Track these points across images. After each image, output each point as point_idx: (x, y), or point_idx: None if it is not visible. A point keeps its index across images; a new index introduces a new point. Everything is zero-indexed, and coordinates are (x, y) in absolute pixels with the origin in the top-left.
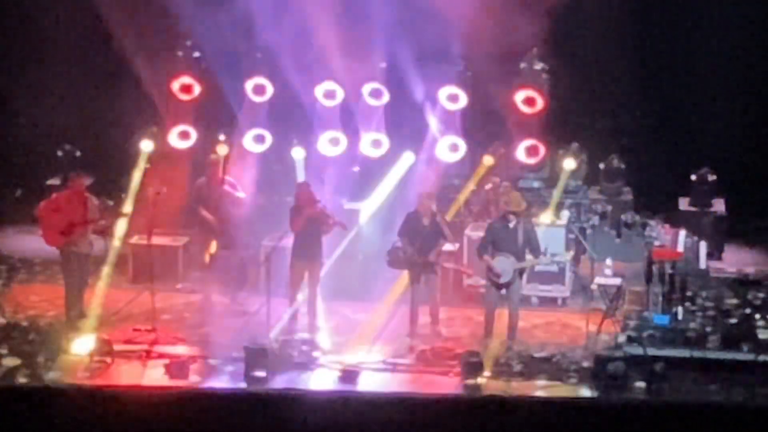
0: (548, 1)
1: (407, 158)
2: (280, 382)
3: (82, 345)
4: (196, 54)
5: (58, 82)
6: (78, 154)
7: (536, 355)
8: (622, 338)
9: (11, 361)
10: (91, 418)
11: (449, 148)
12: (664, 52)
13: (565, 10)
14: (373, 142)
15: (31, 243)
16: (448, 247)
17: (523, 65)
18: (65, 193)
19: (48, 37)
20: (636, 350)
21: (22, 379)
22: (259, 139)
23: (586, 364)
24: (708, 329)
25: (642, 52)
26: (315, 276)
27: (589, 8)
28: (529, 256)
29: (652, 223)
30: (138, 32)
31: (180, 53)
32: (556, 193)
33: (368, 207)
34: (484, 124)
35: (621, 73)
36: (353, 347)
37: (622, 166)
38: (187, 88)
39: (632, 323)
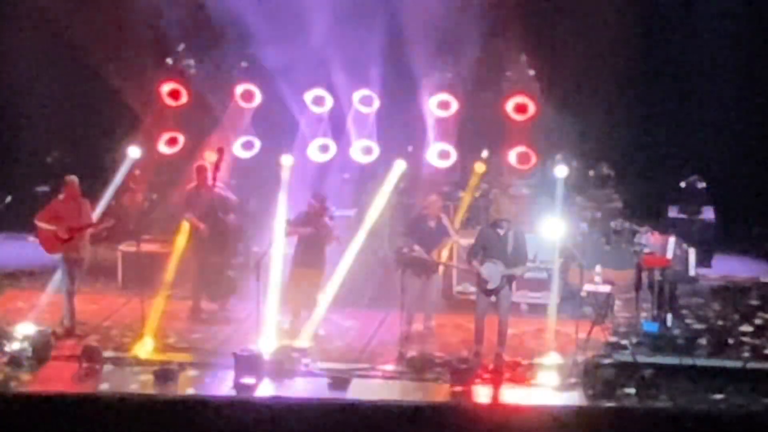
0: (539, 7)
1: (398, 166)
2: (269, 390)
3: (71, 351)
4: (186, 61)
5: (45, 89)
6: (67, 160)
7: (525, 362)
8: (611, 345)
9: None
10: (79, 426)
11: (440, 155)
12: (655, 59)
13: (555, 17)
14: (363, 149)
15: (20, 250)
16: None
17: (512, 72)
18: (61, 198)
19: (35, 43)
20: (625, 357)
21: (9, 386)
22: (248, 145)
23: (575, 371)
24: (697, 336)
25: (632, 58)
26: (315, 284)
27: (580, 15)
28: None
29: (641, 230)
30: (126, 38)
31: (168, 60)
32: (557, 203)
33: (366, 216)
34: (475, 131)
35: (611, 80)
36: (343, 354)
37: (612, 173)
38: (174, 94)
39: (621, 330)
